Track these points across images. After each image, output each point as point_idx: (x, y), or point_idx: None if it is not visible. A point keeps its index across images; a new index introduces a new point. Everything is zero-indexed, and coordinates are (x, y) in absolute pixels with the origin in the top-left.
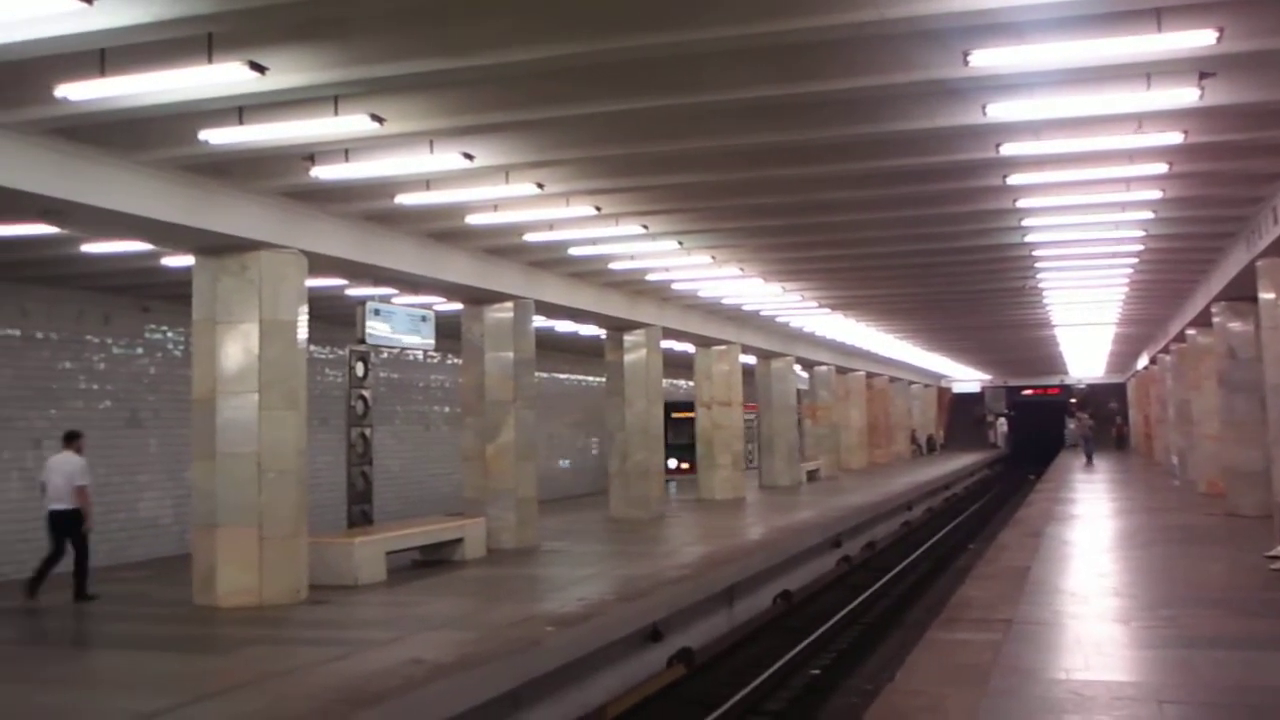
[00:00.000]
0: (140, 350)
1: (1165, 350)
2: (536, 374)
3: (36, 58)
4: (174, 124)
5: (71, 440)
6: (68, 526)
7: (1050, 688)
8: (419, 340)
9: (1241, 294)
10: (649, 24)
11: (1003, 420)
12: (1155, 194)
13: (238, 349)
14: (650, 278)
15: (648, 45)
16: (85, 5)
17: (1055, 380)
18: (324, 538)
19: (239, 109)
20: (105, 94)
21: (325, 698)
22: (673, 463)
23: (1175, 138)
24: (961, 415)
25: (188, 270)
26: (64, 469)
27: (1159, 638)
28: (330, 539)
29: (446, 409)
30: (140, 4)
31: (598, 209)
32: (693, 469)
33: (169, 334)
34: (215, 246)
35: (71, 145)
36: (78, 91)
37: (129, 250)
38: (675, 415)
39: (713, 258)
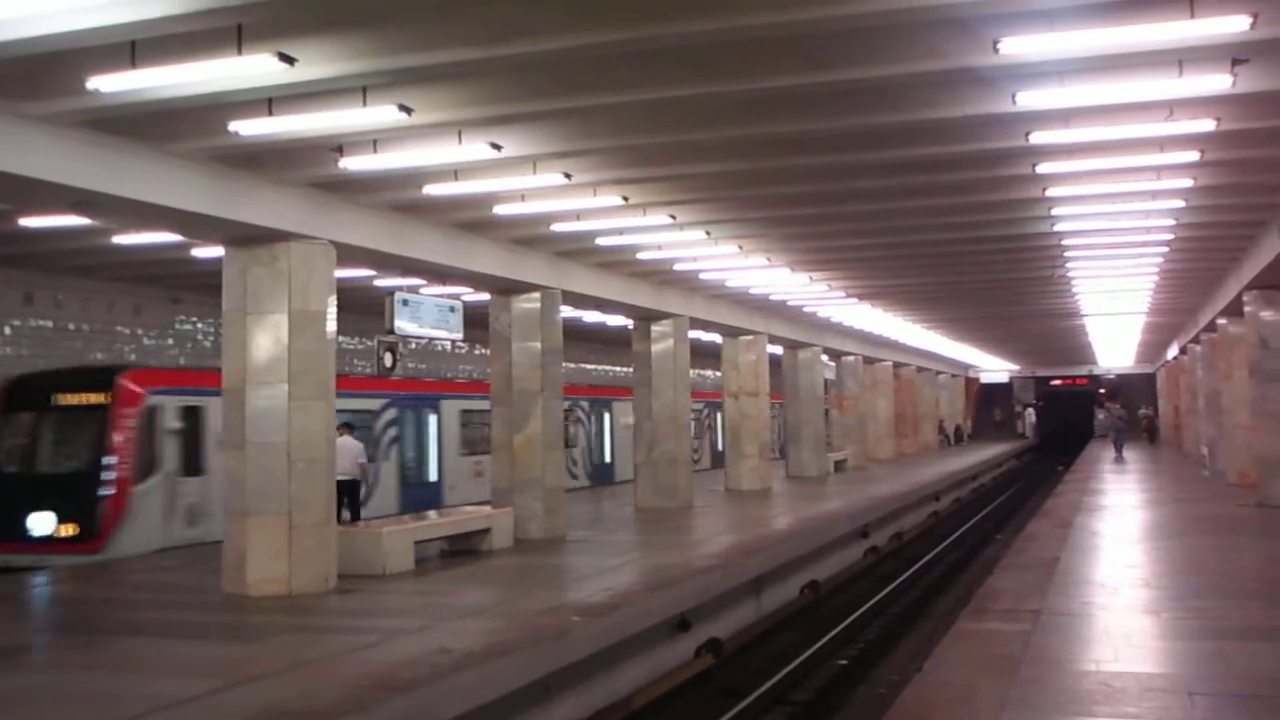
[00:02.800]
0: (171, 341)
1: (1195, 340)
2: None
3: (68, 50)
4: (204, 115)
5: (350, 429)
6: (349, 491)
7: (1080, 679)
8: (447, 331)
9: (1273, 282)
10: (678, 12)
11: (1031, 410)
12: (1186, 182)
13: (268, 339)
14: (678, 268)
15: (677, 34)
16: None
17: (1084, 370)
18: (352, 527)
19: (268, 100)
20: (136, 86)
21: (356, 685)
22: (39, 524)
23: (1207, 125)
24: (985, 411)
25: (218, 261)
26: (348, 449)
27: (1189, 629)
28: (359, 528)
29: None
30: None
31: (625, 199)
32: (93, 536)
33: (199, 325)
34: (245, 237)
35: (103, 137)
36: (109, 83)
37: (160, 242)
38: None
39: (740, 247)
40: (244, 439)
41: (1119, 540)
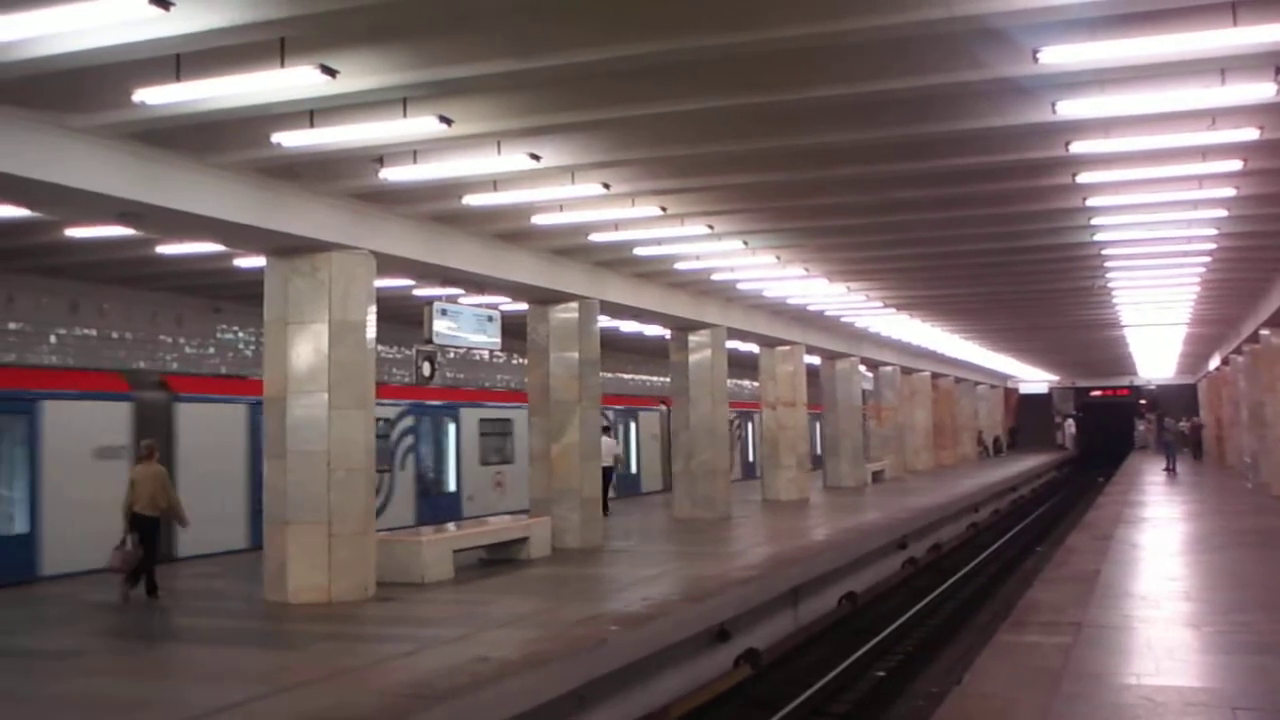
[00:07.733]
0: (212, 350)
1: (1238, 351)
2: None
3: (115, 63)
4: (247, 127)
5: (606, 431)
6: (605, 477)
7: (1121, 693)
8: (485, 340)
9: None
10: (718, 24)
11: (1070, 421)
12: (1229, 191)
13: (308, 349)
14: (715, 278)
15: (716, 45)
16: (162, 11)
17: (1125, 381)
18: (392, 535)
19: (310, 112)
20: (181, 98)
21: (395, 693)
22: None
23: (1250, 134)
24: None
25: (259, 271)
26: (607, 447)
27: (1232, 643)
28: (398, 537)
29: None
30: (215, 10)
31: (663, 209)
32: None
33: (240, 334)
34: (286, 248)
35: (147, 149)
36: (154, 96)
37: (202, 252)
38: None
39: (778, 258)
40: (284, 448)
41: (1160, 553)
